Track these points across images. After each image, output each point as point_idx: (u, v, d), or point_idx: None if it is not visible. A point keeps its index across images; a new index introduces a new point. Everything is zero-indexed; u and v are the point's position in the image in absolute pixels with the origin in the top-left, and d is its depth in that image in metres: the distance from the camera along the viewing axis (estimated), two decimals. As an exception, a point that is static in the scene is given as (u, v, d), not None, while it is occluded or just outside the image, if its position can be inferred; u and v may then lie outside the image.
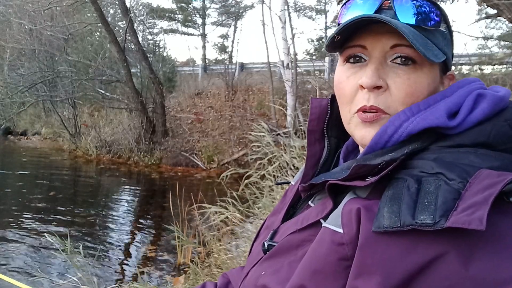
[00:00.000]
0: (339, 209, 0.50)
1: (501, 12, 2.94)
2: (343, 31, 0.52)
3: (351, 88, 0.54)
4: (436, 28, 0.52)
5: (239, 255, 2.88)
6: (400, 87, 0.51)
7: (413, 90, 0.51)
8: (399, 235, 0.41)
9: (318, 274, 0.47)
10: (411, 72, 0.51)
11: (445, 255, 0.39)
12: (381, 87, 0.51)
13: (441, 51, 0.52)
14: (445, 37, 0.54)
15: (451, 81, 0.56)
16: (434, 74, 0.53)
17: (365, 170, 0.49)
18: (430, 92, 0.53)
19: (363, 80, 0.52)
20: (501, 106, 0.50)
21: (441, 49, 0.53)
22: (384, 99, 0.52)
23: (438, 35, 0.53)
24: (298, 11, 17.44)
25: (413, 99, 0.51)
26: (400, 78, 0.51)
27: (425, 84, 0.51)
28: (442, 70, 0.55)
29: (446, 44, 0.54)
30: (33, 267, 3.64)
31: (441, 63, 0.54)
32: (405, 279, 0.40)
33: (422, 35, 0.51)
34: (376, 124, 0.52)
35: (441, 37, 0.53)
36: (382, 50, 0.52)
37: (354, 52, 0.54)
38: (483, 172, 0.43)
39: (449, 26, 0.55)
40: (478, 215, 0.38)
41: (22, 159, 10.12)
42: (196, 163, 8.81)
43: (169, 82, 12.06)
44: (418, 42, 0.48)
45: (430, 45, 0.51)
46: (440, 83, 0.55)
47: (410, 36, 0.47)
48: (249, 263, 0.64)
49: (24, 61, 12.80)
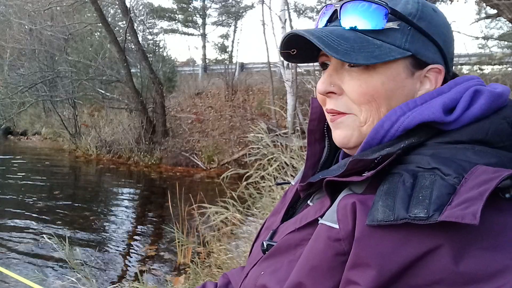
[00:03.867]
0: (334, 205, 0.50)
1: (501, 12, 2.94)
2: (282, 47, 0.57)
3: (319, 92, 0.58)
4: (385, 27, 0.52)
5: (239, 255, 2.88)
6: (352, 89, 0.53)
7: (365, 90, 0.52)
8: (393, 229, 0.42)
9: (315, 270, 0.48)
10: (362, 73, 0.53)
11: (437, 249, 0.40)
12: (333, 92, 0.55)
13: (400, 48, 0.52)
14: (406, 33, 0.52)
15: (439, 75, 0.54)
16: (392, 72, 0.52)
17: (362, 165, 0.50)
18: (392, 89, 0.52)
19: (317, 87, 0.56)
20: (499, 103, 0.50)
21: (399, 46, 0.52)
22: (342, 102, 0.55)
23: (392, 33, 0.52)
24: (299, 12, 17.45)
25: (367, 97, 0.53)
26: (352, 81, 0.53)
27: (378, 82, 0.52)
28: (413, 65, 0.53)
29: (410, 40, 0.52)
30: (32, 267, 3.64)
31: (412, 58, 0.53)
32: (398, 272, 0.41)
33: (369, 37, 0.52)
34: (340, 124, 0.56)
35: (399, 34, 0.52)
36: None
37: (322, 60, 0.58)
38: (479, 168, 0.43)
39: (408, 21, 0.52)
40: (472, 210, 0.38)
41: (22, 159, 10.12)
42: (196, 163, 8.81)
43: (169, 82, 12.06)
44: (340, 47, 0.50)
45: (373, 46, 0.51)
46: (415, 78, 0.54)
47: (319, 42, 0.49)
48: (249, 263, 0.65)
49: (24, 61, 12.81)
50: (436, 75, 0.54)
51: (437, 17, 0.55)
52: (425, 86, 0.54)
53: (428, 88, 0.54)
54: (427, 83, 0.54)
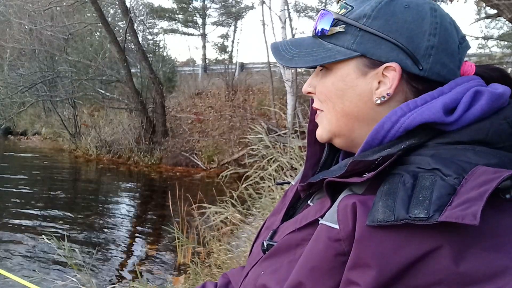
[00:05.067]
0: (335, 205, 0.50)
1: (501, 12, 2.94)
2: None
3: None
4: (333, 32, 0.56)
5: (239, 255, 2.88)
6: (317, 88, 0.60)
7: (321, 89, 0.59)
8: (393, 229, 0.42)
9: (316, 270, 0.48)
10: (323, 75, 0.59)
11: (438, 250, 0.40)
12: (311, 93, 0.61)
13: (349, 49, 0.54)
14: (355, 35, 0.54)
15: (396, 73, 0.52)
16: (342, 72, 0.55)
17: (362, 166, 0.50)
18: (343, 89, 0.56)
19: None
20: (499, 104, 0.50)
21: (348, 47, 0.54)
22: (316, 100, 0.61)
23: (342, 36, 0.55)
24: (299, 12, 17.45)
25: (323, 96, 0.59)
26: (318, 81, 0.60)
27: (329, 83, 0.57)
28: (367, 65, 0.54)
29: (359, 41, 0.53)
30: (32, 268, 3.64)
31: (364, 58, 0.53)
32: (398, 272, 0.41)
33: (324, 42, 0.57)
34: (319, 121, 0.61)
35: (348, 36, 0.54)
36: None
37: None
38: (479, 169, 0.43)
39: (355, 24, 0.53)
40: (472, 210, 0.38)
41: (22, 159, 10.11)
42: (196, 163, 8.81)
43: (169, 82, 12.07)
44: (288, 54, 0.58)
45: (321, 50, 0.56)
46: (368, 77, 0.54)
47: (273, 53, 0.59)
48: (249, 263, 0.65)
49: (24, 61, 12.83)
50: (394, 73, 0.53)
51: (404, 13, 0.53)
52: (385, 85, 0.53)
53: (387, 88, 0.53)
54: (387, 82, 0.53)
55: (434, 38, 0.53)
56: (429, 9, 0.53)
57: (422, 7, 0.53)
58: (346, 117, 0.56)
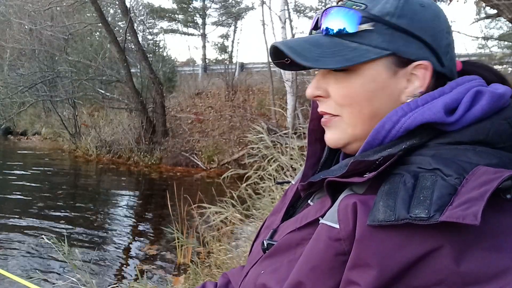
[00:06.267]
0: (335, 205, 0.50)
1: (501, 12, 2.94)
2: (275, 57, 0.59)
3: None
4: (360, 30, 0.52)
5: (239, 255, 2.88)
6: (335, 91, 0.55)
7: (346, 92, 0.54)
8: (394, 229, 0.42)
9: (316, 270, 0.48)
10: (344, 76, 0.54)
11: (438, 250, 0.40)
12: (320, 96, 0.57)
13: (378, 48, 0.52)
14: (383, 33, 0.52)
15: (426, 71, 0.53)
16: (372, 72, 0.52)
17: (363, 166, 0.50)
18: (373, 90, 0.53)
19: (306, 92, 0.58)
20: (500, 104, 0.50)
21: (378, 46, 0.52)
22: (330, 105, 0.56)
23: (368, 35, 0.52)
24: (299, 12, 17.45)
25: (349, 99, 0.54)
26: (336, 84, 0.55)
27: (357, 84, 0.53)
28: (396, 64, 0.53)
29: (388, 39, 0.52)
30: (32, 268, 3.64)
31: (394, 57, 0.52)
32: (399, 272, 0.41)
33: (346, 41, 0.53)
34: (330, 127, 0.57)
35: (376, 34, 0.52)
36: None
37: None
38: (480, 169, 0.43)
39: (384, 21, 0.52)
40: (473, 210, 0.38)
41: (22, 159, 10.11)
42: (196, 163, 8.81)
43: (169, 82, 12.07)
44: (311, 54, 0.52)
45: (347, 49, 0.52)
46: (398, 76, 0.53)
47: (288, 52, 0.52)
48: (249, 263, 0.65)
49: (24, 61, 12.83)
50: (424, 71, 0.53)
51: (423, 12, 0.53)
52: (413, 84, 0.53)
53: (418, 86, 0.53)
54: (416, 81, 0.53)
55: (450, 36, 0.56)
56: (439, 8, 0.55)
57: (435, 6, 0.55)
58: (373, 119, 0.53)
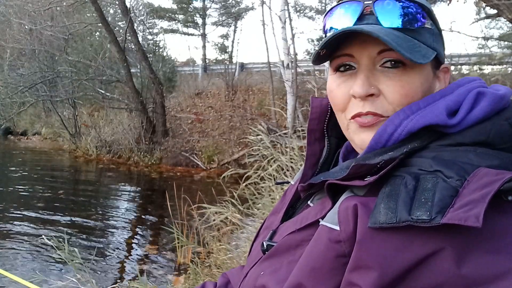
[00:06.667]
0: (336, 207, 0.50)
1: (501, 12, 2.94)
2: (326, 45, 0.52)
3: (342, 96, 0.55)
4: (422, 27, 0.52)
5: (239, 255, 2.87)
6: (393, 90, 0.51)
7: (407, 91, 0.51)
8: (395, 231, 0.42)
9: (316, 271, 0.48)
10: (402, 74, 0.51)
11: (440, 252, 0.39)
12: (373, 94, 0.52)
13: (430, 47, 0.52)
14: (433, 33, 0.53)
15: (446, 74, 0.55)
16: (426, 72, 0.53)
17: (364, 169, 0.49)
18: (425, 90, 0.52)
19: (354, 90, 0.52)
20: (501, 105, 0.50)
21: (430, 45, 0.52)
22: (380, 104, 0.52)
23: (425, 33, 0.52)
24: (299, 12, 17.44)
25: (408, 99, 0.51)
26: (392, 81, 0.51)
27: (418, 83, 0.51)
28: (434, 66, 0.54)
29: (435, 40, 0.53)
30: (32, 268, 3.64)
31: (433, 59, 0.53)
32: (400, 274, 0.40)
33: (409, 37, 0.51)
34: (375, 128, 0.53)
35: (428, 34, 0.53)
36: (370, 57, 0.52)
37: (343, 61, 0.55)
38: (481, 170, 0.43)
39: (435, 21, 0.54)
40: (475, 212, 0.37)
41: (22, 159, 10.11)
42: (196, 163, 8.81)
43: (169, 82, 12.06)
44: (403, 47, 0.48)
45: (418, 45, 0.50)
46: (435, 78, 0.55)
47: (393, 43, 0.47)
48: (249, 263, 0.64)
49: (24, 61, 12.83)
50: (445, 74, 0.54)
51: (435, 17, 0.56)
52: (437, 87, 0.54)
53: (439, 88, 0.54)
54: (438, 83, 0.54)
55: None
56: None
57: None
58: None
